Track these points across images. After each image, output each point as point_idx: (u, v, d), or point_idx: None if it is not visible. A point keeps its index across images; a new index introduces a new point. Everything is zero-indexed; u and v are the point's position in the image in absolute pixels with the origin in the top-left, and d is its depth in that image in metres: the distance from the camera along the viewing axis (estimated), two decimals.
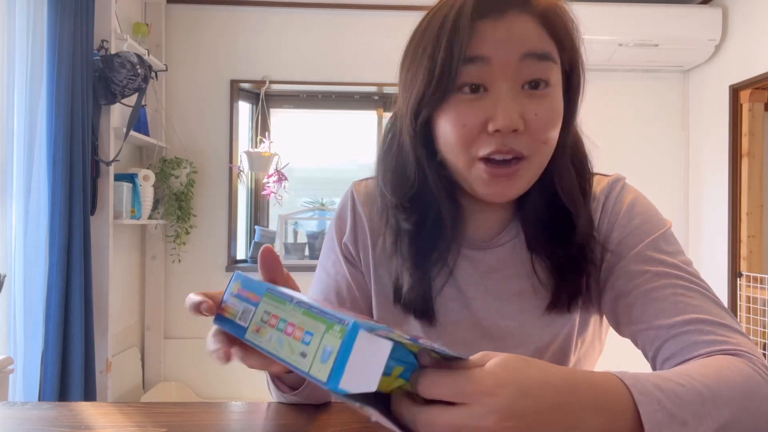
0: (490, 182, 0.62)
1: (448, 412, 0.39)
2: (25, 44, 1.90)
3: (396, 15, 3.07)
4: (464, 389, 0.39)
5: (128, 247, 2.85)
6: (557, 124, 0.63)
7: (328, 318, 0.39)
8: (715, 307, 0.61)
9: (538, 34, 0.61)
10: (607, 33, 2.86)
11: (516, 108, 0.59)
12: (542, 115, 0.60)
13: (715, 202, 2.99)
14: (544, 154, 0.63)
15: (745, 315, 2.72)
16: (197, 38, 3.08)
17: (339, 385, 0.35)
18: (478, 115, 0.60)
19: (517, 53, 0.59)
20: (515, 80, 0.60)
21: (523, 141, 0.60)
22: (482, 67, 0.59)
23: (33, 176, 1.92)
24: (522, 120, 0.59)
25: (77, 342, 2.00)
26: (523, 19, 0.60)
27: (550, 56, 0.61)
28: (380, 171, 0.73)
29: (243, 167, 3.09)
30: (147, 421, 0.61)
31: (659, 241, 0.67)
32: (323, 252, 0.81)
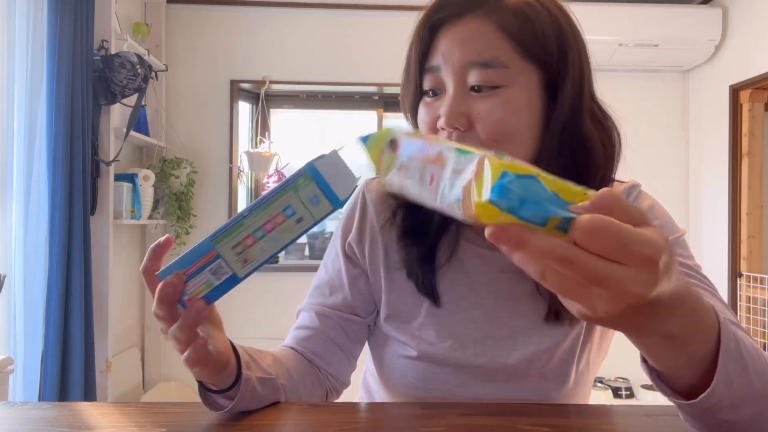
0: None
1: (602, 262, 0.33)
2: (25, 44, 1.90)
3: (396, 15, 3.07)
4: (632, 249, 0.33)
5: (128, 247, 2.85)
6: (508, 123, 0.63)
7: (289, 184, 0.45)
8: (725, 309, 0.63)
9: (488, 39, 0.62)
10: (607, 33, 2.86)
11: (458, 107, 0.64)
12: (486, 113, 0.63)
13: (715, 202, 2.99)
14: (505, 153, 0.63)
15: (745, 315, 2.72)
16: (197, 38, 3.08)
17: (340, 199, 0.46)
18: (433, 115, 0.67)
19: (460, 62, 0.64)
20: (462, 84, 0.64)
21: (472, 139, 0.64)
22: (436, 75, 0.66)
23: (33, 176, 1.93)
24: (465, 118, 0.64)
25: (77, 342, 2.00)
26: (476, 23, 0.63)
27: (496, 62, 0.62)
28: None
29: (243, 167, 3.09)
30: (147, 421, 0.61)
31: (675, 244, 0.68)
32: (328, 248, 0.84)
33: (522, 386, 0.73)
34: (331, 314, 0.78)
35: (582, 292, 0.34)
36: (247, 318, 3.04)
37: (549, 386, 0.73)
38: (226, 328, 0.64)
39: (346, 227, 0.80)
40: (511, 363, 0.72)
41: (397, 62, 0.73)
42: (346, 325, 0.78)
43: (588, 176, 0.68)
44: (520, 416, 0.63)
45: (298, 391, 0.71)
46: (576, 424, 0.62)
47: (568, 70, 0.65)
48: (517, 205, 0.32)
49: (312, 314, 0.79)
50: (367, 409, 0.69)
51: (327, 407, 0.67)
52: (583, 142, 0.68)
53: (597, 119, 0.71)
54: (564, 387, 0.73)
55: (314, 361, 0.78)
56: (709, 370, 0.45)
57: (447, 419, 0.62)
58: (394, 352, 0.77)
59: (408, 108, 0.71)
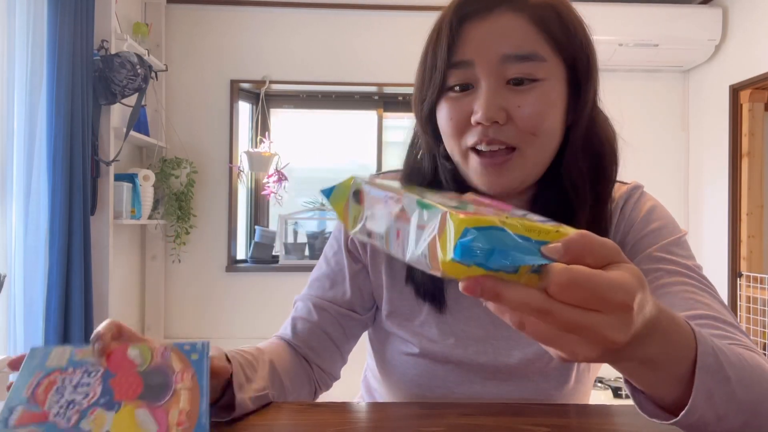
0: (482, 172, 0.65)
1: (578, 311, 0.33)
2: (25, 44, 1.90)
3: (396, 15, 3.07)
4: (607, 297, 0.33)
5: (128, 247, 2.85)
6: (546, 118, 0.63)
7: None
8: (723, 309, 0.63)
9: (524, 32, 0.62)
10: (607, 33, 2.86)
11: (497, 101, 0.62)
12: (526, 107, 0.62)
13: (715, 202, 2.99)
14: (538, 147, 0.64)
15: (745, 315, 2.72)
16: (197, 38, 3.08)
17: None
18: (465, 110, 0.64)
19: (497, 55, 0.62)
20: (499, 77, 0.62)
21: (509, 132, 0.63)
22: (467, 70, 0.63)
23: (33, 176, 1.93)
24: (504, 112, 0.62)
25: (77, 342, 2.00)
26: (508, 17, 0.62)
27: (535, 56, 0.62)
28: (403, 165, 0.78)
29: (243, 167, 3.09)
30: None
31: (673, 245, 0.68)
32: (329, 241, 0.83)
33: (523, 385, 0.73)
34: (329, 308, 0.78)
35: (560, 340, 0.35)
36: (246, 317, 3.04)
37: (550, 386, 0.73)
38: (226, 328, 0.64)
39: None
40: (513, 362, 0.72)
41: (398, 62, 0.72)
42: (343, 321, 0.78)
43: (603, 179, 0.69)
44: (520, 416, 0.63)
45: (285, 397, 0.72)
46: (576, 424, 0.62)
47: (591, 67, 0.67)
48: (485, 259, 0.32)
49: (310, 306, 0.79)
50: (367, 409, 0.69)
51: (327, 407, 0.67)
52: (600, 143, 0.69)
53: (605, 118, 0.72)
54: (565, 386, 0.73)
55: (308, 356, 0.78)
56: (689, 386, 0.45)
57: (447, 419, 0.62)
58: (395, 349, 0.77)
59: (427, 106, 0.68)
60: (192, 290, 3.08)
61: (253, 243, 3.14)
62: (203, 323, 3.07)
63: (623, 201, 0.73)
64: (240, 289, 3.09)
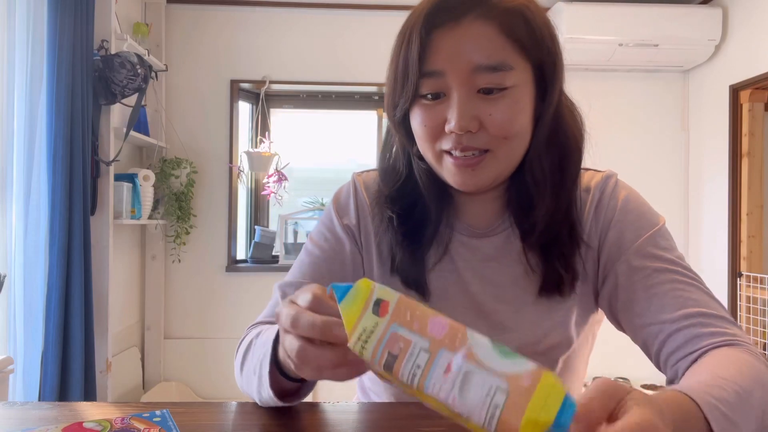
0: (456, 172, 0.67)
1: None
2: (25, 44, 1.90)
3: (396, 15, 3.07)
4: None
5: (128, 247, 2.85)
6: (516, 122, 0.65)
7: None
8: (711, 300, 0.65)
9: (493, 42, 0.63)
10: (607, 33, 2.86)
11: (469, 111, 0.63)
12: (497, 116, 0.64)
13: (715, 202, 2.99)
14: (510, 148, 0.67)
15: (745, 315, 2.72)
16: (197, 38, 3.08)
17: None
18: (438, 117, 0.66)
19: (468, 66, 0.63)
20: (470, 87, 0.64)
21: (481, 138, 0.65)
22: (438, 79, 0.64)
23: (33, 176, 1.93)
24: (476, 121, 0.64)
25: (77, 342, 2.00)
26: (478, 25, 0.63)
27: (504, 65, 0.63)
28: (378, 164, 0.80)
29: (243, 167, 3.10)
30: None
31: (656, 237, 0.70)
32: (316, 233, 0.82)
33: None
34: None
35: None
36: (246, 317, 3.04)
37: None
38: (226, 328, 0.65)
39: (341, 212, 0.81)
40: None
41: None
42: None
43: (568, 169, 0.71)
44: None
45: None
46: None
47: (557, 69, 0.68)
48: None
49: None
50: (366, 409, 0.69)
51: (327, 407, 0.67)
52: (566, 137, 0.71)
53: (571, 112, 0.73)
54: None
55: None
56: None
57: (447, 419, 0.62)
58: None
59: (399, 111, 0.69)
60: (192, 290, 3.08)
61: (253, 243, 3.14)
62: (203, 323, 3.07)
63: (599, 191, 0.75)
64: (240, 289, 3.09)
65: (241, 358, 0.69)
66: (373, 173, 0.83)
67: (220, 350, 3.01)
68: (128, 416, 0.58)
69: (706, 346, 0.61)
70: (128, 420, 0.57)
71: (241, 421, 0.62)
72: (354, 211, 0.80)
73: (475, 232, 0.76)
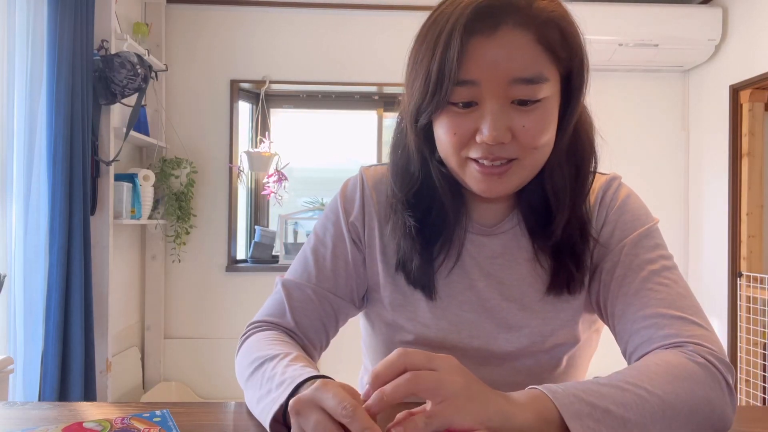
0: (482, 180, 0.66)
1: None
2: (25, 44, 1.90)
3: (396, 15, 3.07)
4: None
5: (128, 247, 2.85)
6: (547, 132, 0.65)
7: None
8: (679, 300, 0.65)
9: (530, 53, 0.62)
10: (607, 33, 2.86)
11: (503, 122, 0.62)
12: (530, 127, 0.63)
13: (715, 202, 2.99)
14: (537, 157, 0.66)
15: (745, 315, 2.72)
16: (197, 38, 3.08)
17: None
18: (469, 127, 0.64)
19: (505, 78, 0.61)
20: (504, 98, 0.63)
21: (511, 149, 0.64)
22: (472, 88, 0.62)
23: (33, 176, 1.93)
24: (509, 132, 0.63)
25: (77, 342, 2.00)
26: (515, 34, 0.61)
27: (541, 77, 0.62)
28: (390, 163, 0.77)
29: (243, 167, 3.10)
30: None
31: (642, 236, 0.71)
32: (321, 228, 0.81)
33: (516, 369, 0.74)
34: (330, 299, 0.77)
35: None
36: (246, 317, 3.02)
37: (542, 369, 0.74)
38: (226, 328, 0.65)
39: (347, 209, 0.80)
40: (504, 346, 0.74)
41: (398, 62, 0.71)
42: (339, 313, 0.78)
43: (585, 176, 0.72)
44: None
45: None
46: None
47: (584, 81, 0.67)
48: None
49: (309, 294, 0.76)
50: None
51: None
52: (583, 145, 0.72)
53: (589, 121, 0.74)
54: (556, 369, 0.75)
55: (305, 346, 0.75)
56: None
57: None
58: (389, 340, 0.77)
59: (425, 117, 0.66)
60: (192, 290, 3.08)
61: (253, 243, 3.14)
62: (203, 323, 3.07)
63: (602, 192, 0.76)
64: (240, 289, 3.09)
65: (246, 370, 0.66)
66: (381, 169, 0.82)
67: (220, 350, 3.01)
68: (128, 416, 0.58)
69: (654, 349, 0.62)
70: (128, 420, 0.57)
71: (241, 421, 0.62)
72: (360, 206, 0.79)
73: (483, 230, 0.76)
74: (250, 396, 0.63)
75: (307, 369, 0.58)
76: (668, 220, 3.21)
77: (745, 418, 0.66)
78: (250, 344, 0.71)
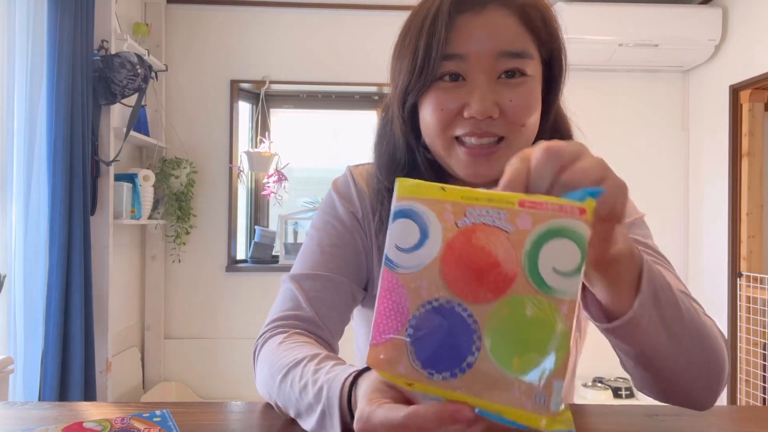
0: (469, 163, 0.66)
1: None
2: (25, 44, 1.90)
3: (396, 15, 3.07)
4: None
5: (128, 247, 2.85)
6: (534, 110, 0.66)
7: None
8: (679, 282, 0.66)
9: (515, 30, 0.64)
10: (607, 33, 2.86)
11: (491, 96, 0.63)
12: (517, 101, 0.64)
13: (715, 202, 2.99)
14: (524, 137, 0.66)
15: (745, 315, 2.72)
16: (197, 38, 3.08)
17: None
18: (456, 101, 0.64)
19: (493, 51, 0.63)
20: (491, 72, 0.64)
21: (499, 125, 0.65)
22: (460, 62, 0.64)
23: (33, 176, 1.93)
24: (497, 107, 0.63)
25: (77, 342, 2.00)
26: (502, 14, 0.64)
27: (526, 53, 0.64)
28: (375, 156, 0.78)
29: (243, 167, 3.10)
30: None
31: (632, 225, 0.73)
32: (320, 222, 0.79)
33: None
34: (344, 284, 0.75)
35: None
36: (246, 317, 3.04)
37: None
38: (226, 328, 0.64)
39: (346, 203, 0.79)
40: None
41: None
42: (353, 302, 0.77)
43: None
44: None
45: None
46: (576, 424, 0.62)
47: (564, 68, 0.69)
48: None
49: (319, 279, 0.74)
50: None
51: None
52: (564, 138, 0.72)
53: (565, 118, 0.75)
54: None
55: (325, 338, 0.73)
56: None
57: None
58: None
59: (413, 96, 0.67)
60: (192, 290, 3.08)
61: (253, 243, 3.14)
62: (203, 323, 3.07)
63: None
64: (240, 289, 3.09)
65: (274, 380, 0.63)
66: (368, 166, 0.82)
67: (220, 350, 3.01)
68: (128, 416, 0.58)
69: None
70: (128, 420, 0.57)
71: (242, 421, 0.62)
72: (356, 200, 0.79)
73: None
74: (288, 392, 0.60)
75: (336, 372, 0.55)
76: (668, 221, 3.21)
77: (745, 418, 0.66)
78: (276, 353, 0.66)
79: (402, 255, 0.38)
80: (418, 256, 0.38)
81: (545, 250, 0.35)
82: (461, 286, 0.37)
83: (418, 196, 0.39)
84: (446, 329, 0.37)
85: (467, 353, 0.36)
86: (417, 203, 0.38)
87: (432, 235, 0.38)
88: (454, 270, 0.37)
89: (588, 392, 2.94)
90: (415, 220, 0.38)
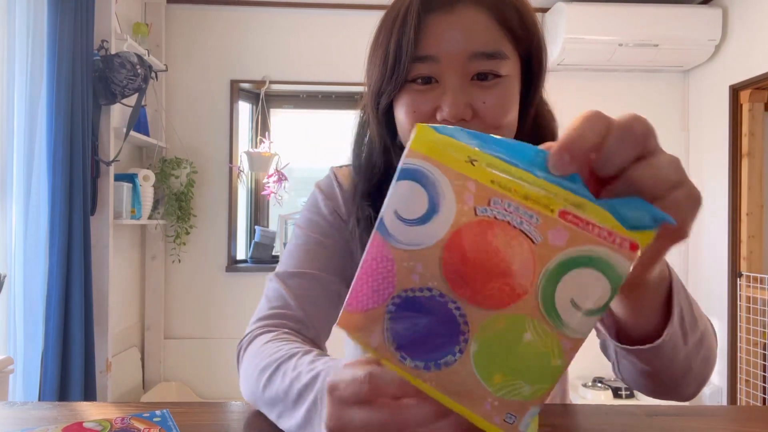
0: None
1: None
2: (25, 44, 1.90)
3: None
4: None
5: (128, 247, 2.85)
6: (509, 111, 0.63)
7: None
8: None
9: (488, 30, 0.61)
10: (607, 33, 2.86)
11: (464, 98, 0.61)
12: (491, 104, 0.62)
13: (715, 202, 2.99)
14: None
15: (745, 315, 2.72)
16: (197, 38, 3.09)
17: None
18: (428, 104, 0.62)
19: (465, 53, 0.60)
20: (464, 74, 0.61)
21: (474, 127, 0.62)
22: (431, 64, 0.61)
23: (33, 176, 1.93)
24: (470, 109, 0.61)
25: (77, 342, 2.00)
26: (472, 13, 0.61)
27: (500, 53, 0.61)
28: (352, 157, 0.77)
29: (243, 167, 3.10)
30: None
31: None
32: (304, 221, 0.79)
33: None
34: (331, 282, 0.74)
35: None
36: (246, 317, 3.03)
37: None
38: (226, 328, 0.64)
39: (330, 204, 0.78)
40: None
41: None
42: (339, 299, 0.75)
43: None
44: None
45: None
46: (576, 424, 0.62)
47: (543, 65, 0.67)
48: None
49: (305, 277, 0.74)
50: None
51: None
52: (546, 138, 0.70)
53: (550, 115, 0.73)
54: None
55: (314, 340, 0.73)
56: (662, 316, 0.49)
57: None
58: None
59: (385, 99, 0.66)
60: (192, 290, 3.08)
61: (253, 243, 3.14)
62: (203, 323, 3.07)
63: None
64: (240, 289, 3.09)
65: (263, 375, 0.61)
66: (351, 167, 0.80)
67: (220, 350, 3.01)
68: (128, 416, 0.58)
69: None
70: (128, 420, 0.57)
71: (242, 421, 0.62)
72: (341, 199, 0.78)
73: None
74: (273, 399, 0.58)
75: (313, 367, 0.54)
76: None
77: (745, 418, 0.66)
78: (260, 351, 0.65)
79: (400, 226, 0.32)
80: (420, 233, 0.32)
81: (570, 277, 0.30)
82: (461, 283, 0.32)
83: (438, 158, 0.32)
84: (432, 322, 0.32)
85: (448, 352, 0.32)
86: (434, 167, 0.32)
87: (443, 212, 0.32)
88: (458, 263, 0.32)
89: (588, 392, 2.94)
90: (426, 187, 0.32)
